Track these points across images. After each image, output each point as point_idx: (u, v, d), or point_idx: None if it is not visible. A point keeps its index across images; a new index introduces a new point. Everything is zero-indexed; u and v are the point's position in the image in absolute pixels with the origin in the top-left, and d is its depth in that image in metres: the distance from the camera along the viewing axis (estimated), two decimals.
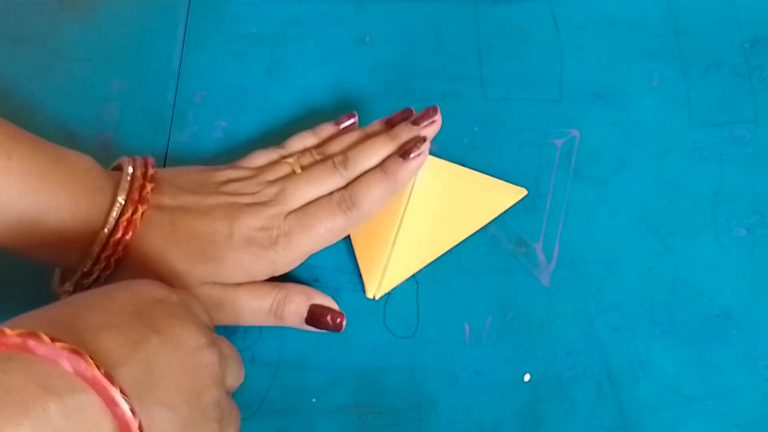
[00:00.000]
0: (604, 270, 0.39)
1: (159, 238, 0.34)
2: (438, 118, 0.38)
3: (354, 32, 0.46)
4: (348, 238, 0.39)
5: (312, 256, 0.39)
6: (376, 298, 0.38)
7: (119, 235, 0.33)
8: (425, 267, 0.39)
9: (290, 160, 0.38)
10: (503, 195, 0.40)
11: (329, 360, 0.37)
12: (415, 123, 0.38)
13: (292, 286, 0.36)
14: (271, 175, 0.37)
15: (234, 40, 0.45)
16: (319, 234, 0.36)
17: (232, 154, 0.41)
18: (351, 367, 0.37)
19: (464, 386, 0.37)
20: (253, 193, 0.36)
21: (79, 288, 0.34)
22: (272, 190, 0.36)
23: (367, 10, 0.46)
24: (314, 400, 0.36)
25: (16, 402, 0.21)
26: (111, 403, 0.23)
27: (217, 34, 0.46)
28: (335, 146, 0.38)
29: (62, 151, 0.34)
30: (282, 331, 0.38)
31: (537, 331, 0.38)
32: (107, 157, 0.42)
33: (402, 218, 0.38)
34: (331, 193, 0.37)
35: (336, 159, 0.37)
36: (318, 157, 0.38)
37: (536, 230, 0.40)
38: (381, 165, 0.37)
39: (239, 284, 0.35)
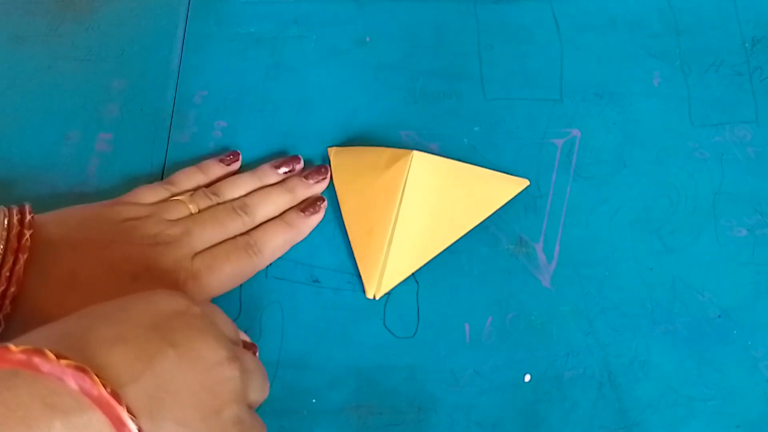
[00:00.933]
0: (605, 270, 0.39)
1: (55, 288, 0.32)
2: (328, 176, 0.40)
3: (354, 32, 0.46)
4: (347, 238, 0.39)
5: (312, 256, 0.39)
6: (376, 298, 0.38)
7: (3, 288, 0.31)
8: (425, 267, 0.39)
9: (183, 198, 0.37)
10: (504, 187, 0.40)
11: (329, 360, 0.37)
12: (307, 178, 0.40)
13: None
14: (169, 214, 0.36)
15: (234, 40, 0.45)
16: (227, 276, 0.36)
17: None
18: (351, 367, 0.37)
19: (464, 386, 0.37)
20: (155, 234, 0.35)
21: None
22: (175, 230, 0.35)
23: (367, 10, 0.46)
24: (314, 400, 0.36)
25: (20, 419, 0.20)
26: (118, 423, 0.22)
27: (217, 34, 0.46)
28: (232, 191, 0.39)
29: None
30: (282, 331, 0.37)
31: (537, 331, 0.38)
32: (107, 157, 0.42)
33: (396, 217, 0.38)
34: (235, 237, 0.37)
35: (236, 204, 0.38)
36: (214, 198, 0.38)
37: (537, 230, 0.40)
38: (282, 216, 0.39)
39: None
